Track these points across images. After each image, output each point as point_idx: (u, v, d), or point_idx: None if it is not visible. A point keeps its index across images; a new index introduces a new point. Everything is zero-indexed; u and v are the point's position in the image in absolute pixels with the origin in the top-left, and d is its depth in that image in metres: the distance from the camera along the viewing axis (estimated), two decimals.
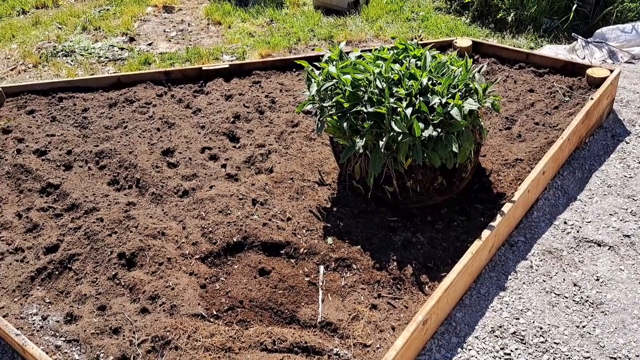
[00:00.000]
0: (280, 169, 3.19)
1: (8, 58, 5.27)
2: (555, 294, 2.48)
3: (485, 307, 2.42)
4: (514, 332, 2.31)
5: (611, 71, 3.63)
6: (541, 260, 2.65)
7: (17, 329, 2.24)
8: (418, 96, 2.58)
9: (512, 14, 5.25)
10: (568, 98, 3.63)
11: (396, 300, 2.39)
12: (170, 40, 5.51)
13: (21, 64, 5.10)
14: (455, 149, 2.45)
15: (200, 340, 2.18)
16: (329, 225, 2.79)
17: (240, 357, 2.13)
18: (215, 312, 2.35)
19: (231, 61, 4.84)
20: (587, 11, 5.10)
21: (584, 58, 4.54)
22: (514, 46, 4.71)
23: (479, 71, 2.78)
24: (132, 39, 5.52)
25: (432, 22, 5.46)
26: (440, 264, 2.55)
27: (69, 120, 3.73)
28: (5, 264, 2.62)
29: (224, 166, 3.25)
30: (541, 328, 2.33)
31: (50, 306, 2.41)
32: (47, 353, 2.14)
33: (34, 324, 2.32)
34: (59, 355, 2.17)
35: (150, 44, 5.43)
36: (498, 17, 5.32)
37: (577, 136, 3.27)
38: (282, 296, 2.41)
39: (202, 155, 3.35)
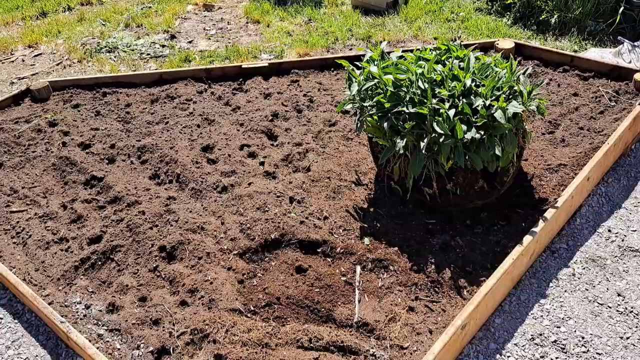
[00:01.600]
0: (318, 167, 3.20)
1: (54, 53, 5.43)
2: (599, 303, 2.42)
3: (525, 314, 2.37)
4: (555, 341, 2.26)
5: None
6: (584, 269, 2.58)
7: (62, 316, 2.31)
8: (461, 98, 2.54)
9: (555, 16, 5.13)
10: (614, 103, 3.53)
11: (434, 304, 2.37)
12: (210, 38, 5.59)
13: (66, 59, 5.25)
14: (498, 152, 2.41)
15: (237, 335, 2.20)
16: (365, 225, 2.78)
17: (276, 354, 2.15)
18: (252, 308, 2.37)
19: (269, 60, 4.87)
20: (634, 14, 4.95)
21: (630, 62, 4.40)
22: (557, 49, 4.60)
23: (523, 73, 2.72)
24: (173, 37, 5.62)
25: (473, 23, 5.39)
26: (479, 269, 2.51)
27: (113, 114, 3.82)
28: (50, 253, 2.70)
29: (262, 164, 3.28)
30: (583, 338, 2.27)
31: (93, 295, 2.47)
32: (89, 341, 2.20)
33: (77, 312, 2.38)
34: (101, 343, 2.23)
35: (190, 42, 5.52)
36: (541, 18, 5.21)
37: (623, 142, 3.17)
38: (319, 295, 2.42)
39: (240, 152, 3.38)
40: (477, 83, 2.62)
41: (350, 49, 5.11)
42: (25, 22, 6.32)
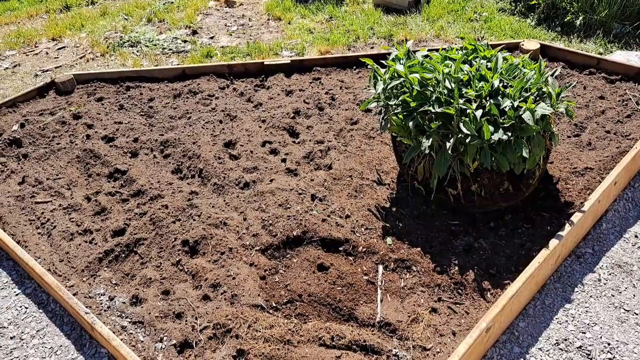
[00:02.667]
0: (339, 166, 3.19)
1: (77, 46, 5.48)
2: (625, 309, 2.38)
3: (550, 319, 2.34)
4: (580, 347, 2.23)
5: None
6: (610, 274, 2.54)
7: (86, 307, 2.33)
8: (488, 98, 2.52)
9: (580, 18, 5.07)
10: None
11: (457, 305, 2.35)
12: (231, 35, 5.60)
13: (89, 53, 5.30)
14: (525, 154, 2.38)
15: (260, 331, 2.21)
16: (388, 225, 2.77)
17: (298, 351, 2.15)
18: (274, 304, 2.37)
19: (290, 57, 4.87)
20: None
21: None
22: (582, 51, 4.54)
23: (552, 75, 2.69)
24: (194, 32, 5.64)
25: (496, 24, 5.34)
26: (503, 271, 2.49)
27: (136, 108, 3.84)
28: (75, 244, 2.73)
29: (283, 160, 3.28)
30: (609, 344, 2.24)
31: (116, 287, 2.49)
32: (113, 333, 2.21)
33: (101, 303, 2.40)
34: (125, 335, 2.25)
35: (212, 38, 5.54)
36: (565, 20, 5.15)
37: None
38: (341, 293, 2.41)
39: (262, 148, 3.39)
40: (505, 84, 2.59)
41: (372, 47, 5.09)
42: (50, 16, 6.39)
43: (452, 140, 2.45)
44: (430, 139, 2.51)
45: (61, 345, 2.34)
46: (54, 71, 4.95)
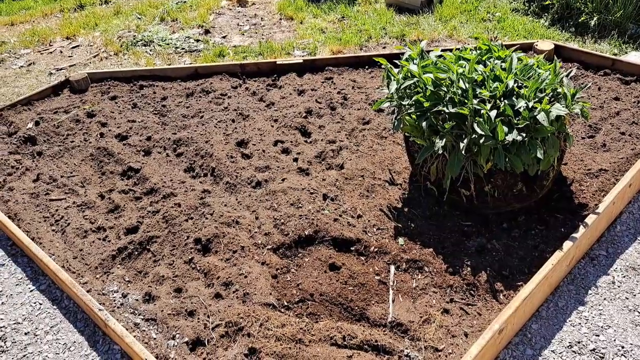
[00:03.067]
0: (351, 165, 3.19)
1: (91, 45, 5.52)
2: (639, 312, 2.36)
3: (563, 321, 2.33)
4: (594, 349, 2.21)
5: None
6: (624, 277, 2.52)
7: (100, 304, 2.35)
8: (502, 99, 2.50)
9: (595, 18, 5.02)
10: None
11: (469, 307, 2.34)
12: (243, 34, 5.62)
13: (103, 52, 5.34)
14: (540, 155, 2.37)
15: (271, 330, 2.21)
16: (399, 225, 2.76)
17: (310, 350, 2.15)
18: (286, 303, 2.37)
19: (303, 56, 4.87)
20: None
21: None
22: (596, 51, 4.50)
23: (567, 75, 2.67)
24: (207, 32, 5.67)
25: (509, 24, 5.30)
26: (516, 273, 2.47)
27: (149, 107, 3.87)
28: (88, 242, 2.75)
29: (295, 160, 3.28)
30: (623, 347, 2.22)
31: (129, 285, 2.51)
32: (126, 330, 2.23)
33: (114, 300, 2.42)
34: (138, 332, 2.26)
35: (224, 37, 5.56)
36: (580, 20, 5.10)
37: None
38: (352, 293, 2.41)
39: (274, 148, 3.39)
40: (520, 84, 2.57)
41: (384, 47, 5.08)
42: (64, 14, 6.44)
43: (465, 141, 2.44)
44: (444, 139, 2.50)
45: (75, 342, 2.37)
46: (68, 70, 4.99)
